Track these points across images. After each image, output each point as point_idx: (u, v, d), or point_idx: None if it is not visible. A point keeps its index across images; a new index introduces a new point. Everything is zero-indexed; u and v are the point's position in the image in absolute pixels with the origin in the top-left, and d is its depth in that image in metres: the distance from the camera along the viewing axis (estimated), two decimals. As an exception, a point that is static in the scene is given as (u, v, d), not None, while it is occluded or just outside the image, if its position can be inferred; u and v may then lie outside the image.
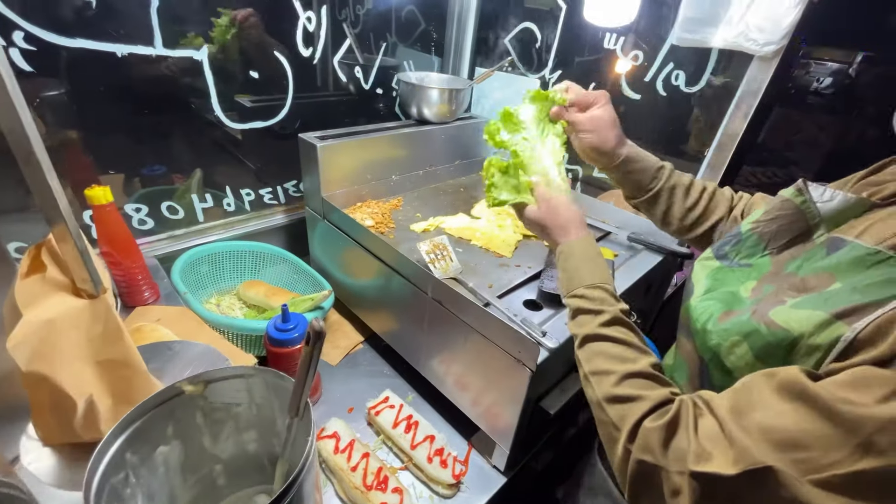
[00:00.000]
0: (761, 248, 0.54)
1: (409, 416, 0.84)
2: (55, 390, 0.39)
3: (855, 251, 0.43)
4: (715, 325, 0.48)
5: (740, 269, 0.54)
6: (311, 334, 0.38)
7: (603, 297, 0.55)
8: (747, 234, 0.56)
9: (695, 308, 0.53)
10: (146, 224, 0.99)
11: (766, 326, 0.43)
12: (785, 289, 0.46)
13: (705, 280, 0.56)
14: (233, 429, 0.49)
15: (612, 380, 0.47)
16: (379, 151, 1.09)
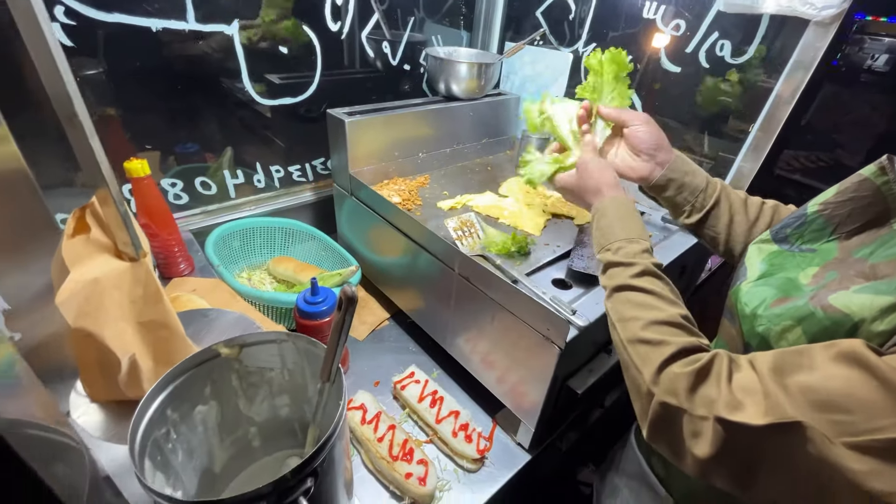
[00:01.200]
0: (828, 233, 0.50)
1: (435, 391, 0.85)
2: (100, 348, 0.41)
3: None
4: (766, 311, 0.46)
5: (801, 254, 0.50)
6: (343, 300, 0.38)
7: (635, 251, 0.54)
8: (813, 216, 0.51)
9: (746, 292, 0.50)
10: (181, 199, 1.02)
11: (823, 311, 0.40)
12: (851, 276, 0.43)
13: (760, 264, 0.52)
14: (266, 393, 0.50)
15: (639, 325, 0.47)
16: (406, 128, 1.08)
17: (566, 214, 0.99)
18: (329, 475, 0.39)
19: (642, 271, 0.51)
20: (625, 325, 0.49)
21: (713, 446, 0.38)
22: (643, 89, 1.10)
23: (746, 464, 0.38)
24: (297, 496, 0.33)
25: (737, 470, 0.38)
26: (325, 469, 0.38)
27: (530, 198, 1.02)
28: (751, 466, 0.37)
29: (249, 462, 0.56)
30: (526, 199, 1.02)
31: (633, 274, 0.51)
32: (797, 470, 0.35)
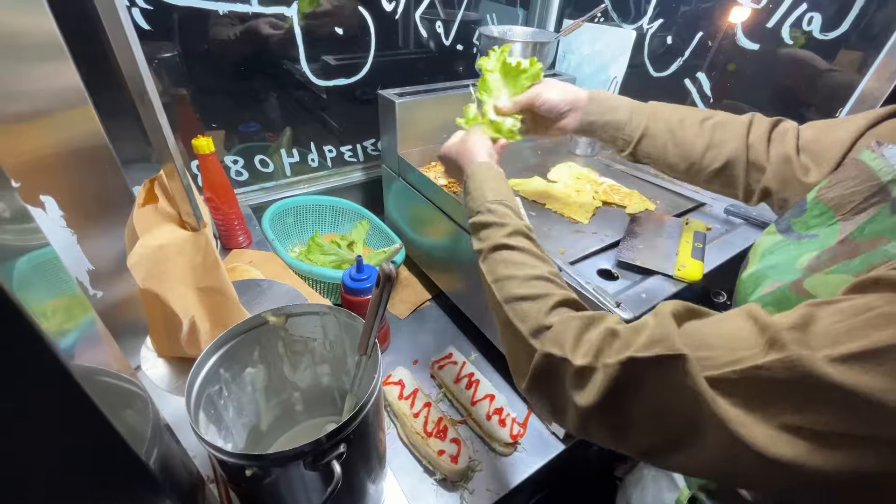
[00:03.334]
0: (830, 216, 0.47)
1: (471, 373, 0.86)
2: (165, 308, 0.46)
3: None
4: (756, 297, 0.45)
5: (802, 241, 0.48)
6: (381, 277, 0.39)
7: (505, 212, 0.54)
8: (813, 202, 0.49)
9: (744, 281, 0.49)
10: (242, 175, 1.08)
11: (797, 294, 0.39)
12: (837, 257, 0.41)
13: (762, 253, 0.51)
14: (309, 361, 0.53)
15: (516, 282, 0.47)
16: (456, 109, 1.06)
17: (618, 203, 0.95)
18: (362, 443, 0.41)
19: (514, 231, 0.52)
20: (501, 284, 0.48)
21: (597, 394, 0.36)
22: (714, 70, 1.01)
23: (627, 410, 0.36)
24: (331, 459, 0.35)
25: (618, 418, 0.36)
26: (358, 437, 0.39)
27: (580, 184, 0.99)
28: (631, 412, 0.35)
29: (292, 424, 0.60)
30: (576, 185, 0.98)
31: (505, 234, 0.52)
32: (674, 410, 0.34)
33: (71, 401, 0.24)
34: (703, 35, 1.01)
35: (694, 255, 0.76)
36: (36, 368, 0.22)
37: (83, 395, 0.25)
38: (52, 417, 0.24)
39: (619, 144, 0.68)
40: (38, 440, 0.23)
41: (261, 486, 0.38)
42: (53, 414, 0.24)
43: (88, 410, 0.26)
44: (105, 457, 0.26)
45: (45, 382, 0.22)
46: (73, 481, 0.26)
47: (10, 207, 0.27)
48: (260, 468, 0.34)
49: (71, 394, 0.24)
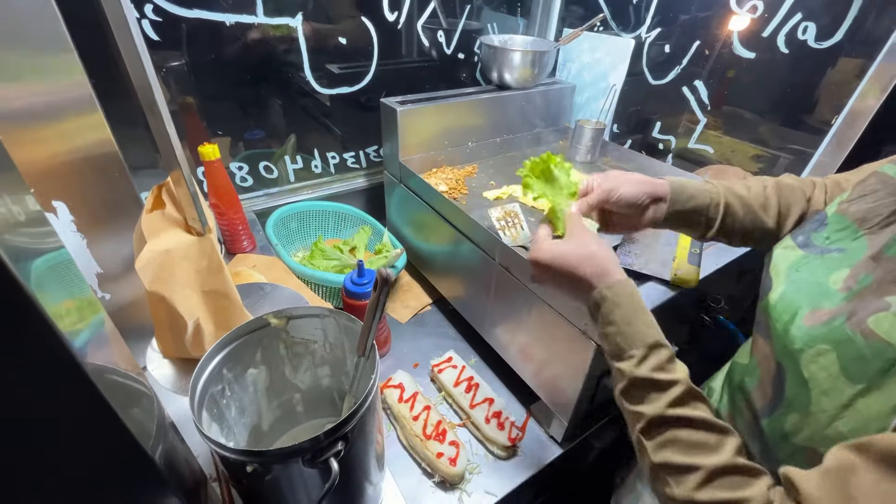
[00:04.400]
0: (854, 229, 0.45)
1: (471, 377, 0.87)
2: (170, 310, 0.47)
3: None
4: (800, 329, 0.42)
5: (829, 255, 0.46)
6: (378, 281, 0.40)
7: (663, 361, 0.45)
8: (834, 216, 0.48)
9: (774, 306, 0.46)
10: (247, 181, 1.10)
11: (863, 337, 0.36)
12: (888, 282, 0.39)
13: (786, 271, 0.48)
14: (310, 363, 0.54)
15: (698, 478, 0.39)
16: (457, 117, 1.09)
17: (616, 209, 0.96)
18: (360, 443, 0.42)
19: (683, 394, 0.43)
20: (679, 479, 0.40)
21: None
22: (712, 78, 1.02)
23: None
24: (329, 456, 0.37)
25: None
26: (356, 436, 0.41)
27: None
28: None
29: (293, 425, 0.61)
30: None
31: (672, 400, 0.43)
32: None
33: (84, 397, 0.25)
34: (700, 44, 1.02)
35: (690, 261, 0.77)
36: (53, 366, 0.23)
37: (96, 392, 0.27)
38: (66, 413, 0.25)
39: (700, 229, 0.60)
40: (53, 434, 0.25)
41: (261, 483, 0.39)
42: (68, 410, 0.25)
43: (100, 407, 0.27)
44: (114, 451, 0.28)
45: (61, 379, 0.24)
46: (85, 474, 0.27)
47: (26, 211, 0.29)
48: (260, 464, 0.36)
49: (84, 390, 0.25)
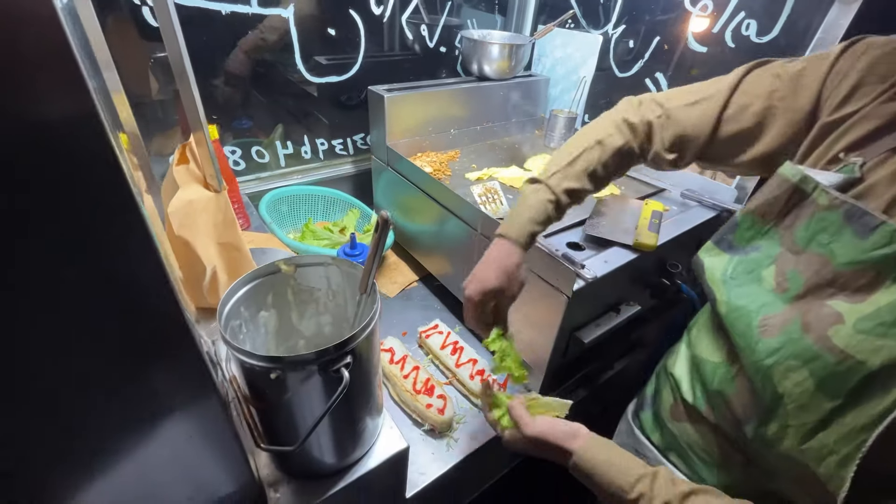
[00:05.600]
0: (760, 225, 0.51)
1: (456, 341, 0.94)
2: (193, 256, 0.53)
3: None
4: (762, 343, 0.45)
5: (752, 255, 0.51)
6: (379, 223, 0.47)
7: (657, 485, 0.46)
8: (742, 216, 0.53)
9: (726, 317, 0.50)
10: (239, 165, 1.15)
11: (832, 354, 0.39)
12: (822, 285, 0.43)
13: (722, 279, 0.52)
14: (314, 311, 0.60)
15: None
16: (440, 105, 1.16)
17: (587, 188, 1.05)
18: (364, 364, 0.49)
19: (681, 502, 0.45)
20: None
21: None
22: (671, 70, 1.13)
23: None
24: (340, 366, 0.43)
25: None
26: (361, 356, 0.47)
27: (553, 172, 1.08)
28: None
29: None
30: (549, 172, 1.08)
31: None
32: None
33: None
34: (660, 39, 1.12)
35: (650, 229, 0.86)
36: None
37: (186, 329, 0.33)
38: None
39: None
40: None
41: (280, 394, 0.46)
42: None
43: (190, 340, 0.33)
44: (177, 325, 0.33)
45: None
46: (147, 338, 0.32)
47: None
48: (282, 370, 0.42)
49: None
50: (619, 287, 0.85)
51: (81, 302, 0.28)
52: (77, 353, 0.29)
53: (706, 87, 0.61)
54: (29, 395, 0.29)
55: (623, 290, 0.86)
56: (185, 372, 0.35)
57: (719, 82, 0.60)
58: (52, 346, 0.28)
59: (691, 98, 0.61)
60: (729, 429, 0.53)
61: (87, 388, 0.31)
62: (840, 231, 0.43)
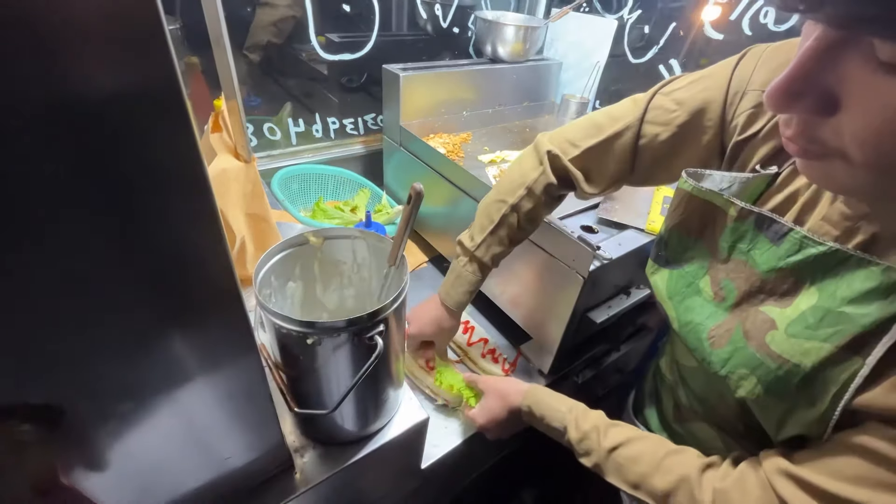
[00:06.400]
0: (686, 239, 0.52)
1: (467, 321, 0.96)
2: (225, 223, 0.53)
3: (807, 249, 0.40)
4: (713, 355, 0.47)
5: (687, 267, 0.52)
6: (412, 195, 0.48)
7: (585, 415, 0.58)
8: (668, 232, 0.54)
9: (679, 332, 0.52)
10: (252, 142, 1.14)
11: (772, 359, 0.41)
12: (752, 292, 0.45)
13: (668, 294, 0.54)
14: (338, 284, 0.61)
15: (656, 478, 0.49)
16: (453, 86, 1.16)
17: (599, 173, 1.06)
18: (394, 333, 0.50)
19: (605, 428, 0.55)
20: (643, 488, 0.50)
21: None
22: (686, 57, 1.13)
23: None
24: (374, 333, 0.44)
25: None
26: (391, 326, 0.48)
27: (566, 156, 1.09)
28: None
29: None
30: (561, 157, 1.09)
31: (601, 437, 0.54)
32: None
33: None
34: (676, 25, 1.12)
35: (663, 213, 0.87)
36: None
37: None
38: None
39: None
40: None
41: (312, 363, 0.47)
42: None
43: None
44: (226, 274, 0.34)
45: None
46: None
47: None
48: (318, 336, 0.43)
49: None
50: (630, 270, 0.86)
51: (146, 258, 0.29)
52: (139, 305, 0.30)
53: (616, 118, 0.60)
54: (99, 343, 0.30)
55: (634, 273, 0.88)
56: (233, 331, 0.36)
57: (627, 115, 0.59)
58: (115, 301, 0.29)
59: (603, 134, 0.60)
60: (724, 427, 0.56)
61: (144, 341, 0.31)
62: (755, 239, 0.45)
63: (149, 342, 0.32)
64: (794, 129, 0.32)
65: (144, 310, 0.30)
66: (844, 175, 0.31)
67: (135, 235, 0.27)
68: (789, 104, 0.30)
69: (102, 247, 0.26)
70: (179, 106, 0.25)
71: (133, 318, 0.30)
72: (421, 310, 0.77)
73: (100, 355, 0.30)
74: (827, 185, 0.36)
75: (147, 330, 0.31)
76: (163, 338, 0.32)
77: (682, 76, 0.57)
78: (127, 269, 0.28)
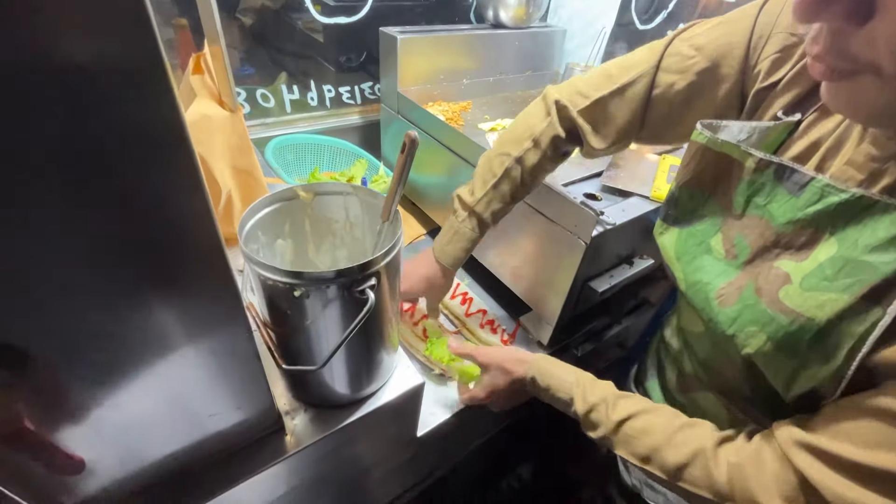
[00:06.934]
0: (699, 195, 0.50)
1: (465, 293, 0.94)
2: (209, 174, 0.50)
3: (829, 198, 0.37)
4: (721, 313, 0.45)
5: (698, 225, 0.50)
6: (406, 143, 0.45)
7: (595, 386, 0.56)
8: (678, 190, 0.51)
9: (686, 293, 0.50)
10: (244, 109, 1.11)
11: (784, 315, 0.39)
12: (767, 247, 0.43)
13: (676, 254, 0.52)
14: (330, 244, 0.59)
15: (668, 452, 0.47)
16: (453, 52, 1.11)
17: (603, 142, 1.03)
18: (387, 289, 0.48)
19: (614, 400, 0.53)
20: (654, 461, 0.48)
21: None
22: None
23: None
24: (366, 287, 0.42)
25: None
26: (384, 283, 0.46)
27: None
28: None
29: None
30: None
31: (609, 409, 0.52)
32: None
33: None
34: (685, -11, 1.08)
35: (669, 181, 0.84)
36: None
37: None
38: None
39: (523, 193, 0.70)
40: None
41: (301, 317, 0.45)
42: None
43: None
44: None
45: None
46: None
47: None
48: (304, 287, 0.41)
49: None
50: (634, 239, 0.84)
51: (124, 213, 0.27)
52: (108, 252, 0.28)
53: (629, 67, 0.57)
54: (65, 290, 0.28)
55: (637, 242, 0.85)
56: (218, 287, 0.34)
57: (641, 63, 0.56)
58: (80, 247, 0.27)
59: (615, 84, 0.57)
60: (731, 393, 0.55)
61: (115, 289, 0.29)
62: (773, 191, 0.43)
63: (119, 291, 0.29)
64: (823, 43, 0.30)
65: (112, 256, 0.28)
66: (876, 94, 0.29)
67: (99, 177, 0.25)
68: (819, 11, 0.28)
69: (63, 194, 0.25)
70: (151, 41, 0.22)
71: (101, 264, 0.28)
72: (411, 266, 0.74)
73: (66, 303, 0.28)
74: (854, 111, 0.33)
75: (118, 279, 0.29)
76: (135, 288, 0.30)
77: (701, 21, 0.54)
78: (95, 212, 0.26)
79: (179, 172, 0.28)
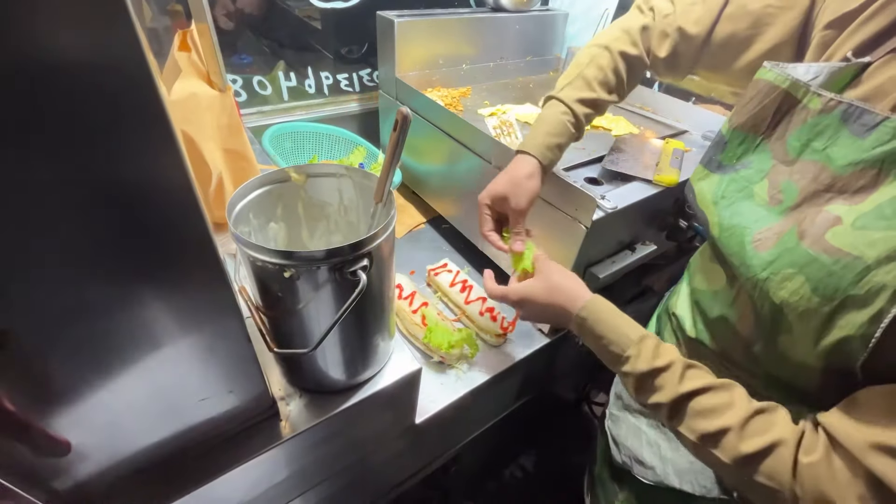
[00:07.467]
0: (752, 139, 0.49)
1: (465, 280, 0.93)
2: (198, 156, 0.50)
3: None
4: (756, 257, 0.43)
5: (743, 171, 0.49)
6: (398, 120, 0.44)
7: (656, 351, 0.49)
8: (729, 133, 0.51)
9: (719, 238, 0.48)
10: (241, 96, 1.09)
11: (828, 254, 0.38)
12: (818, 191, 0.42)
13: (713, 199, 0.51)
14: (325, 229, 0.58)
15: (733, 437, 0.43)
16: (452, 36, 1.09)
17: (604, 127, 1.01)
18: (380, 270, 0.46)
19: (683, 369, 0.47)
20: (719, 445, 0.44)
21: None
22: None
23: None
24: (357, 268, 0.41)
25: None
26: (378, 265, 0.45)
27: (570, 109, 1.03)
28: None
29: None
30: (566, 110, 1.03)
31: (677, 378, 0.46)
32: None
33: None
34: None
35: (672, 165, 0.82)
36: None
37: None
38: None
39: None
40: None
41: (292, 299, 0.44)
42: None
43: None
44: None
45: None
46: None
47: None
48: (295, 267, 0.40)
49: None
50: (636, 224, 0.82)
51: (101, 203, 0.26)
52: (99, 256, 0.27)
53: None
54: (42, 266, 0.27)
55: (639, 228, 0.84)
56: (207, 272, 0.33)
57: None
58: (54, 223, 0.26)
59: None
60: (736, 354, 0.53)
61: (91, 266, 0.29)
62: (837, 133, 0.42)
63: (101, 274, 0.29)
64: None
65: (94, 239, 0.27)
66: None
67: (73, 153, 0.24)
68: None
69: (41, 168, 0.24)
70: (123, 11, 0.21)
71: (82, 248, 0.27)
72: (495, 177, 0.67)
73: (48, 286, 0.28)
74: None
75: (99, 262, 0.28)
76: (117, 270, 0.29)
77: None
78: (72, 189, 0.25)
79: (157, 149, 0.27)
